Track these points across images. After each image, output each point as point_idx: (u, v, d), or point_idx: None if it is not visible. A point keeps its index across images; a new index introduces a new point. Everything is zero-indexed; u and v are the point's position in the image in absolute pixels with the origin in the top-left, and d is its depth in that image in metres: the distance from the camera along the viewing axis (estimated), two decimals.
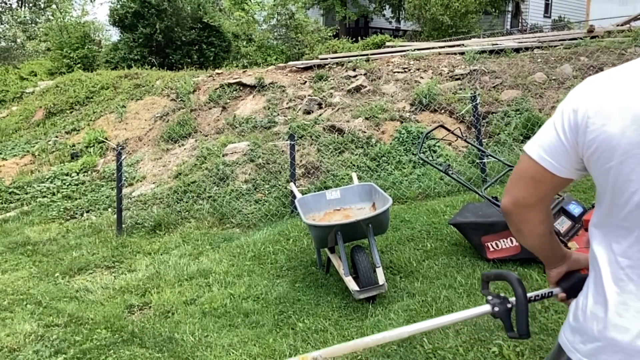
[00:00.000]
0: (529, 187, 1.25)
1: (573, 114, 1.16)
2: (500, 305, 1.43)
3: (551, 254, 1.41)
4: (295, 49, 18.22)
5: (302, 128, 8.22)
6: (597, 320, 1.16)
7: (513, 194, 1.29)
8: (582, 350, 1.19)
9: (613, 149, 1.09)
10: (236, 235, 6.37)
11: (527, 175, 1.24)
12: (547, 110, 7.61)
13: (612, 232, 1.16)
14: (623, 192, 1.10)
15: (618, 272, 1.13)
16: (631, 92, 1.08)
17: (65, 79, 13.51)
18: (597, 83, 1.18)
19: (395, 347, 3.27)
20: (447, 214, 5.47)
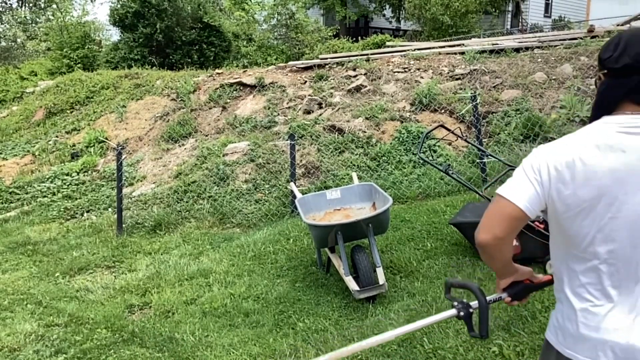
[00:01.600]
0: (508, 226, 1.53)
1: (545, 172, 1.48)
2: (464, 310, 1.72)
3: (507, 270, 1.73)
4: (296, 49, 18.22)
5: (302, 128, 8.22)
6: (570, 321, 1.50)
7: (493, 231, 1.53)
8: (564, 343, 1.51)
9: (569, 204, 1.45)
10: (236, 235, 6.37)
11: (509, 217, 1.52)
12: (547, 110, 7.61)
13: (572, 258, 1.51)
14: (579, 235, 1.46)
15: (579, 288, 1.50)
16: (582, 158, 1.43)
17: (65, 79, 13.50)
18: (557, 150, 1.50)
19: (395, 346, 3.27)
20: (447, 214, 5.47)
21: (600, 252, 1.43)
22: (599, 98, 1.55)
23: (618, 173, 1.39)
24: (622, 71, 1.45)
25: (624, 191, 1.39)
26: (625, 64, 1.44)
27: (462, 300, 1.75)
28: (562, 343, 1.52)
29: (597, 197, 1.41)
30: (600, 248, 1.43)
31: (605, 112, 1.50)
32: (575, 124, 7.23)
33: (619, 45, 1.46)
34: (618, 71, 1.46)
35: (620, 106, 1.47)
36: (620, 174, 1.39)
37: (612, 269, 1.43)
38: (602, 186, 1.40)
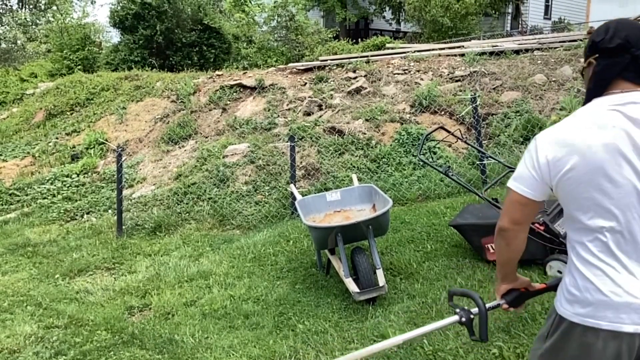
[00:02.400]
0: (520, 211, 1.73)
1: (544, 159, 1.63)
2: (465, 316, 1.87)
3: (512, 273, 1.90)
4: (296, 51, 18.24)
5: (302, 129, 8.23)
6: (589, 291, 1.58)
7: (509, 217, 1.75)
8: (582, 313, 1.59)
9: (570, 182, 1.59)
10: (236, 237, 6.37)
11: (518, 203, 1.72)
12: (547, 112, 7.62)
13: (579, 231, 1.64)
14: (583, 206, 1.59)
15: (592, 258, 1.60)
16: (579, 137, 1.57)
17: (65, 81, 13.51)
18: (553, 134, 1.65)
19: (395, 348, 3.27)
20: (447, 216, 5.46)
21: (604, 223, 1.55)
22: (595, 79, 1.66)
23: (611, 146, 1.52)
24: (615, 50, 1.61)
25: (618, 163, 1.52)
26: (618, 43, 1.60)
27: (464, 307, 1.90)
28: (581, 314, 1.60)
29: (595, 172, 1.54)
30: (603, 218, 1.55)
31: (599, 93, 1.63)
32: None
33: (609, 30, 1.63)
34: (612, 50, 1.61)
35: (613, 85, 1.62)
36: (612, 147, 1.52)
37: (618, 236, 1.55)
38: (598, 160, 1.53)
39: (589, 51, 1.69)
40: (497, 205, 4.08)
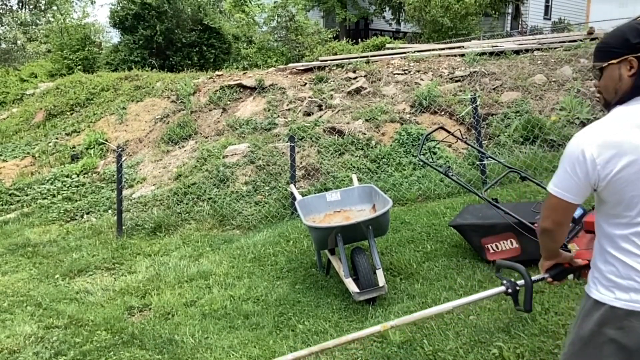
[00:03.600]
0: (562, 214, 1.83)
1: (592, 162, 1.66)
2: (511, 287, 2.03)
3: (555, 253, 2.00)
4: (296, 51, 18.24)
5: (302, 130, 8.23)
6: (632, 278, 1.67)
7: (552, 219, 1.85)
8: (624, 298, 1.68)
9: (614, 181, 1.66)
10: (236, 237, 6.37)
11: (559, 207, 1.80)
12: (547, 112, 7.62)
13: (620, 226, 1.73)
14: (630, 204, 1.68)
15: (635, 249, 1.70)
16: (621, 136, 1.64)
17: (65, 81, 13.52)
18: (599, 136, 1.67)
19: (395, 348, 3.27)
20: (447, 216, 5.46)
21: None
22: (638, 78, 1.70)
23: None
24: None
25: None
26: None
27: (510, 279, 2.04)
28: (623, 299, 1.68)
29: (637, 170, 1.63)
30: None
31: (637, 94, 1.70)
32: (575, 126, 7.24)
33: None
34: None
35: None
36: None
37: None
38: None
39: (627, 51, 1.71)
40: (497, 205, 4.08)
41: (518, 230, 3.92)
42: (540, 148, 6.98)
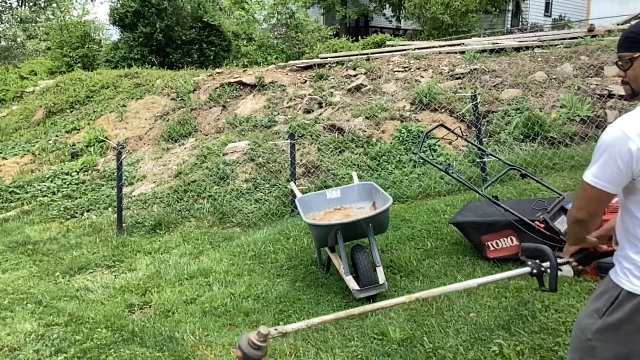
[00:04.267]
0: (598, 205, 1.82)
1: (636, 151, 1.68)
2: (537, 268, 2.05)
3: (583, 239, 2.00)
4: (296, 48, 18.21)
5: (302, 127, 8.22)
6: None
7: (588, 210, 1.84)
8: None
9: None
10: (236, 235, 6.37)
11: (597, 198, 1.79)
12: (548, 110, 7.61)
13: None
14: None
15: None
16: None
17: (65, 78, 13.50)
18: (630, 123, 1.71)
19: (395, 346, 3.28)
20: (448, 213, 5.47)
21: None
22: None
23: None
24: None
25: None
26: None
27: (536, 261, 2.07)
28: None
29: None
30: None
31: None
32: (576, 123, 7.23)
33: None
34: None
35: None
36: None
37: None
38: None
39: None
40: (498, 203, 4.08)
41: (518, 228, 3.92)
42: (540, 145, 6.98)
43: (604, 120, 7.14)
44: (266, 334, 1.97)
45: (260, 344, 1.97)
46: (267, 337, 1.98)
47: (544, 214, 3.86)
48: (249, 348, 1.97)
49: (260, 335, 1.97)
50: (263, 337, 1.97)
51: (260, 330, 1.98)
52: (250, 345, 1.96)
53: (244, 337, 2.00)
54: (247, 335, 2.00)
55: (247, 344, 1.97)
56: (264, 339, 1.97)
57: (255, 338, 1.97)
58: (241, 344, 1.99)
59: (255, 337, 1.97)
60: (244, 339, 1.99)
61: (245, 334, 2.01)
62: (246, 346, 1.97)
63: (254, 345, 1.96)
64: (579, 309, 3.19)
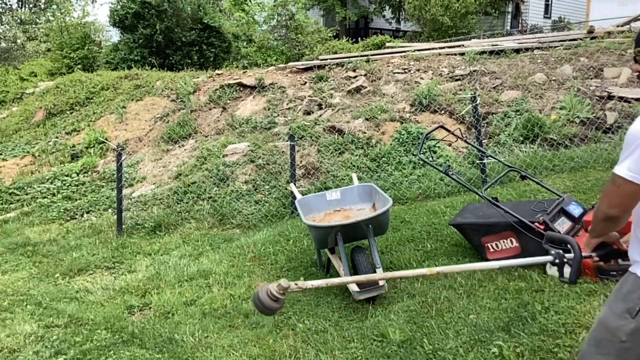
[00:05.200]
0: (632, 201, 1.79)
1: None
2: (559, 258, 2.03)
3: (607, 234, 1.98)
4: (296, 50, 18.22)
5: (302, 129, 8.23)
6: None
7: (622, 207, 1.80)
8: None
9: None
10: (236, 236, 6.37)
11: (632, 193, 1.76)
12: (547, 111, 7.62)
13: None
14: None
15: None
16: None
17: (65, 80, 13.51)
18: None
19: (395, 347, 3.27)
20: (447, 215, 5.47)
21: None
22: None
23: None
24: None
25: None
26: None
27: (559, 251, 2.06)
28: None
29: None
30: None
31: None
32: (575, 125, 7.23)
33: None
34: None
35: None
36: None
37: None
38: None
39: None
40: (497, 204, 4.08)
41: (518, 229, 3.92)
42: (540, 147, 6.98)
43: (603, 121, 7.14)
44: (286, 287, 2.02)
45: (279, 296, 2.01)
46: (287, 290, 2.01)
47: (543, 216, 3.87)
48: (267, 298, 2.01)
49: (280, 288, 2.01)
50: (283, 289, 2.02)
51: (280, 282, 2.02)
52: (269, 296, 2.01)
53: (262, 288, 2.03)
54: (266, 286, 2.03)
55: (266, 294, 2.01)
56: (283, 291, 2.01)
57: (275, 290, 2.01)
58: (260, 293, 2.02)
59: (276, 288, 2.01)
60: (263, 289, 2.03)
61: (264, 285, 2.04)
62: (265, 296, 2.01)
63: (273, 296, 2.01)
64: (579, 310, 3.19)
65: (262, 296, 2.01)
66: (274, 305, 2.01)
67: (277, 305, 2.02)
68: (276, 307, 2.02)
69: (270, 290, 2.00)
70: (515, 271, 3.93)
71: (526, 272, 3.86)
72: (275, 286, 2.01)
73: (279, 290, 2.00)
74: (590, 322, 3.03)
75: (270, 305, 2.01)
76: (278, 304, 2.02)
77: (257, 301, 2.01)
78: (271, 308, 2.01)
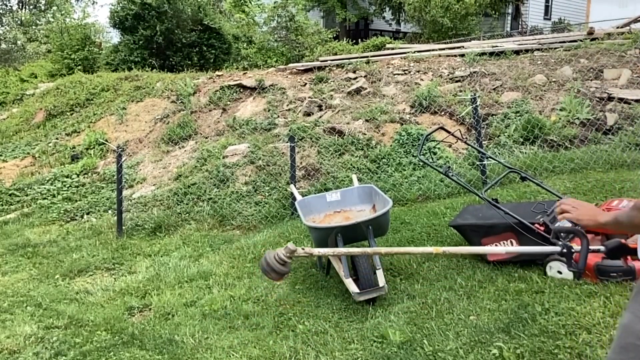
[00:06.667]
0: None
1: None
2: (567, 248, 2.10)
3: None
4: (296, 51, 18.24)
5: (302, 130, 8.23)
6: None
7: None
8: None
9: None
10: (236, 237, 6.37)
11: None
12: (547, 112, 7.62)
13: None
14: None
15: None
16: None
17: (65, 81, 13.53)
18: None
19: (395, 349, 3.27)
20: (447, 216, 5.46)
21: None
22: None
23: None
24: None
25: None
26: None
27: (566, 242, 2.14)
28: None
29: None
30: None
31: None
32: (575, 126, 7.24)
33: None
34: None
35: None
36: None
37: None
38: None
39: None
40: (497, 205, 4.08)
41: (518, 231, 3.92)
42: (540, 148, 6.98)
43: (603, 123, 7.15)
44: (294, 250, 2.09)
45: (286, 259, 2.06)
46: (294, 254, 2.06)
47: (543, 217, 3.86)
48: (275, 261, 2.07)
49: (287, 251, 2.08)
50: (290, 252, 2.08)
51: (288, 245, 2.08)
52: (277, 260, 2.06)
53: (269, 253, 2.09)
54: (273, 251, 2.09)
55: (274, 258, 2.07)
56: (290, 254, 2.06)
57: (283, 253, 2.08)
58: (267, 257, 2.08)
59: (283, 252, 2.06)
60: (270, 254, 2.09)
61: (271, 250, 2.10)
62: (272, 259, 2.08)
63: (280, 260, 2.07)
64: (579, 312, 3.19)
65: (270, 259, 2.07)
66: (282, 269, 2.08)
67: (285, 268, 2.09)
68: (284, 270, 2.08)
69: (277, 254, 2.07)
70: (516, 272, 3.92)
71: (526, 274, 3.86)
72: (282, 250, 2.06)
73: (287, 253, 2.07)
74: (591, 323, 3.03)
75: (278, 269, 2.08)
76: (285, 268, 2.09)
77: (265, 264, 2.07)
78: (278, 271, 2.08)
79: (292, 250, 2.05)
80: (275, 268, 2.06)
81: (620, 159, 6.23)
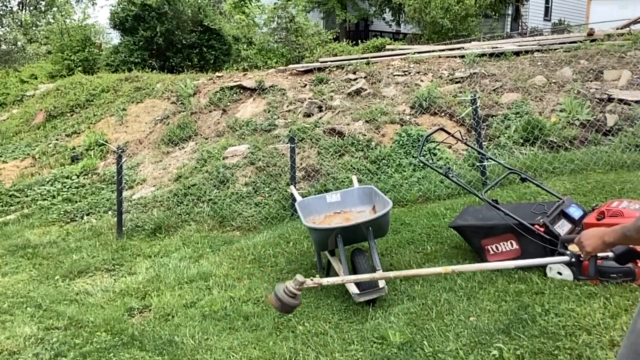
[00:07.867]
0: None
1: None
2: (575, 257, 2.10)
3: None
4: (296, 52, 18.24)
5: (302, 131, 8.23)
6: None
7: None
8: None
9: None
10: (236, 238, 6.37)
11: None
12: (547, 113, 7.62)
13: None
14: None
15: None
16: None
17: (65, 82, 13.53)
18: None
19: (395, 350, 3.27)
20: (447, 217, 5.46)
21: None
22: None
23: None
24: None
25: None
26: None
27: (573, 252, 2.14)
28: None
29: None
30: None
31: None
32: (575, 127, 7.24)
33: None
34: None
35: None
36: None
37: None
38: None
39: None
40: (497, 206, 4.08)
41: (518, 232, 3.92)
42: (540, 149, 6.98)
43: (603, 124, 7.15)
44: (302, 282, 2.07)
45: (296, 291, 2.06)
46: (303, 285, 2.05)
47: (543, 218, 3.87)
48: (285, 295, 2.06)
49: (297, 283, 2.07)
50: (299, 284, 2.07)
51: (297, 277, 2.07)
52: (287, 293, 2.07)
53: (279, 286, 2.08)
54: (282, 284, 2.08)
55: (284, 292, 2.06)
56: (299, 286, 2.05)
57: (292, 286, 2.07)
58: (277, 291, 2.07)
59: (292, 284, 2.06)
60: (280, 287, 2.07)
61: (281, 284, 2.09)
62: (282, 294, 2.07)
63: (290, 293, 2.07)
64: (579, 313, 3.19)
65: (280, 294, 2.06)
66: (293, 302, 2.07)
67: (296, 301, 2.08)
68: (295, 303, 2.08)
69: (287, 287, 2.06)
70: (515, 273, 3.92)
71: (526, 275, 3.86)
72: (291, 282, 2.05)
73: (296, 285, 2.06)
74: (591, 324, 3.03)
75: (289, 302, 2.05)
76: (296, 300, 2.08)
77: (276, 300, 2.06)
78: (290, 304, 2.06)
79: (301, 282, 2.04)
80: (287, 302, 2.06)
81: (620, 160, 6.23)
